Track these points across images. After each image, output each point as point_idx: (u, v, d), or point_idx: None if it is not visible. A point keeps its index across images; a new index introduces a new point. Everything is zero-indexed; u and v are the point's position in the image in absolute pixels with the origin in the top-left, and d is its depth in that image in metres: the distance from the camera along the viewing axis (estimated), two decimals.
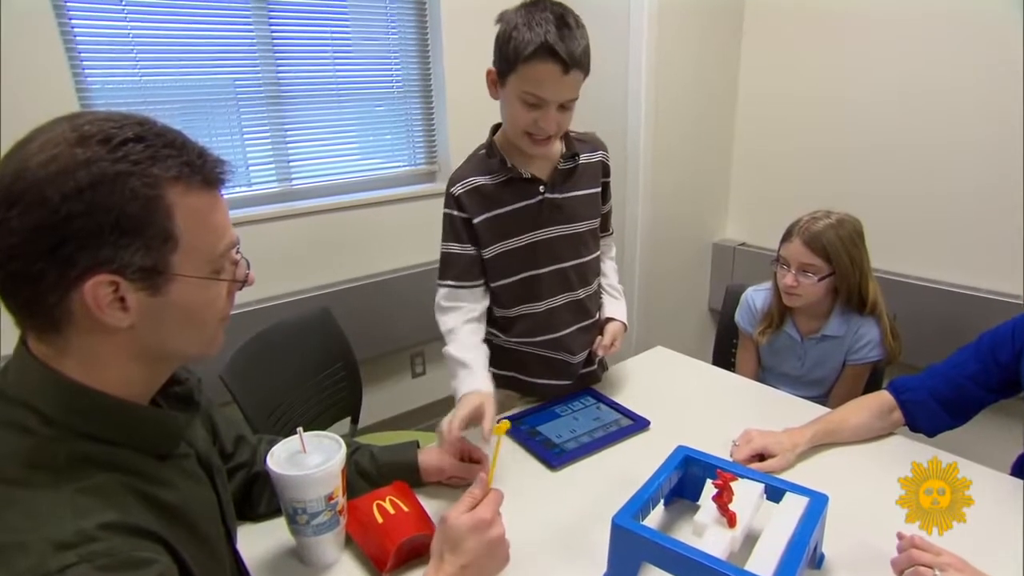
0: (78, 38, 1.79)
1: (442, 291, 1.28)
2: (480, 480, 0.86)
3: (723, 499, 0.86)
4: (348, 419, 1.84)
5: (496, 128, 1.26)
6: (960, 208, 2.07)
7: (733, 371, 1.70)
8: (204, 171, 0.61)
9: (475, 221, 1.23)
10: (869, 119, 2.23)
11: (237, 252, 0.69)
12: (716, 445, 1.17)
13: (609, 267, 1.46)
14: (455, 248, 1.26)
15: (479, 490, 0.85)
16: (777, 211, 1.66)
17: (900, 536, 0.87)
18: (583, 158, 1.29)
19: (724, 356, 1.89)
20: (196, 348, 0.67)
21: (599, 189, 1.33)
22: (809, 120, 2.40)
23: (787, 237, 1.55)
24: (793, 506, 0.89)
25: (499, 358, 1.34)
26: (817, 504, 0.89)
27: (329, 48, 2.26)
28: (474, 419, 1.07)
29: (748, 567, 0.78)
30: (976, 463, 1.13)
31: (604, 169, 1.34)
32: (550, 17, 1.06)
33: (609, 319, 1.38)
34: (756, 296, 1.70)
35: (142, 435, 0.64)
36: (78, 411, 0.60)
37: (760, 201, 2.66)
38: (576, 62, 1.07)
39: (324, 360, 1.75)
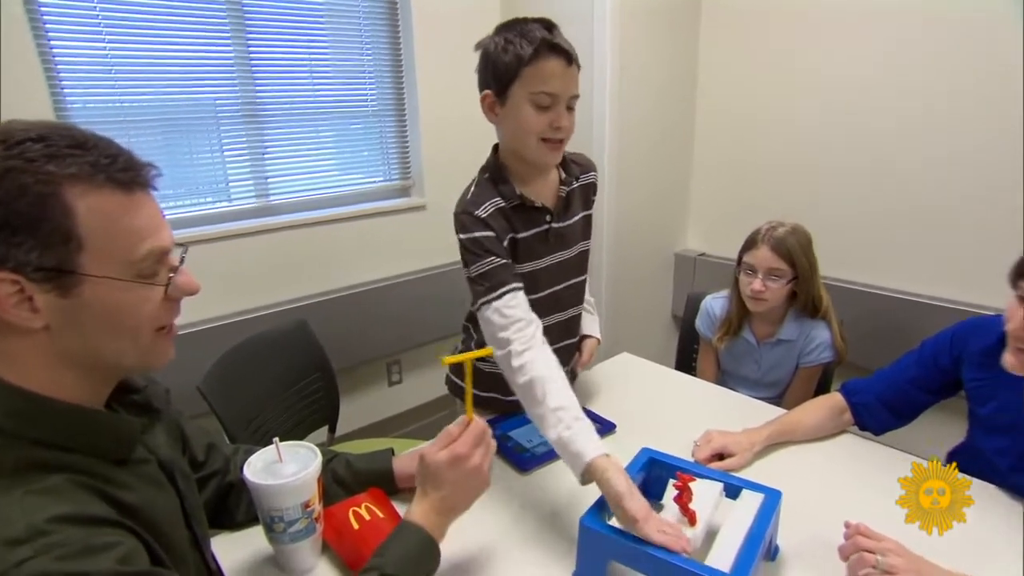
0: (56, 58, 1.75)
1: (493, 316, 1.07)
2: (461, 421, 0.86)
3: (683, 499, 0.87)
4: (326, 428, 1.82)
5: (495, 150, 1.20)
6: (903, 220, 2.13)
7: (695, 375, 1.72)
8: (111, 171, 0.58)
9: (504, 239, 1.15)
10: (818, 138, 2.29)
11: (181, 260, 0.66)
12: (679, 446, 1.19)
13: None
14: (496, 262, 1.10)
15: (456, 428, 0.85)
16: (734, 223, 1.69)
17: (847, 525, 0.90)
18: (580, 181, 1.26)
19: (686, 361, 1.91)
20: (132, 358, 0.64)
21: (591, 211, 1.31)
22: (762, 138, 2.46)
23: (751, 245, 1.57)
24: (749, 502, 0.91)
25: (480, 380, 1.31)
26: (772, 500, 0.91)
27: (306, 68, 2.25)
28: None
29: (708, 562, 0.79)
30: (915, 455, 1.17)
31: (595, 189, 1.32)
32: (538, 25, 1.07)
33: (585, 336, 1.38)
34: (715, 304, 1.73)
35: (95, 439, 0.62)
36: (23, 416, 0.58)
37: (718, 213, 2.71)
38: (574, 56, 1.07)
39: (301, 370, 1.73)
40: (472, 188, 1.18)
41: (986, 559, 0.90)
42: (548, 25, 1.07)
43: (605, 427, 1.28)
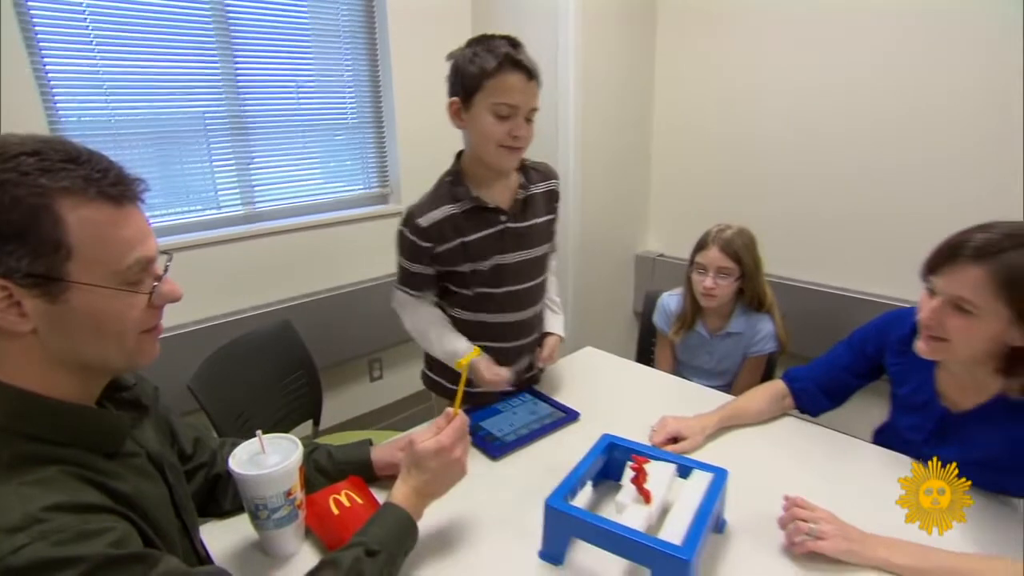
0: (50, 74, 1.72)
1: (402, 295, 1.30)
2: (446, 413, 0.89)
3: (639, 480, 0.89)
4: (310, 422, 1.80)
5: (459, 157, 1.25)
6: (839, 223, 2.20)
7: (653, 367, 1.75)
8: (102, 185, 0.58)
9: (439, 250, 1.21)
10: (764, 146, 2.34)
11: (165, 268, 0.66)
12: (638, 431, 1.21)
13: (551, 281, 1.46)
14: (416, 268, 1.25)
15: (444, 420, 0.88)
16: (690, 226, 1.72)
17: (786, 498, 0.93)
18: (540, 187, 1.29)
19: (646, 354, 1.94)
20: (119, 359, 0.64)
21: (554, 216, 1.35)
22: (714, 146, 2.50)
23: (702, 246, 1.60)
24: (699, 481, 0.93)
25: (447, 371, 1.34)
26: (719, 478, 0.94)
27: (289, 83, 2.23)
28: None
29: (661, 535, 0.81)
30: (846, 434, 1.21)
31: (556, 196, 1.35)
32: (504, 41, 1.10)
33: (548, 333, 1.39)
34: (670, 300, 1.76)
35: (86, 434, 0.62)
36: (15, 412, 0.58)
37: (675, 217, 2.75)
38: (535, 72, 1.11)
39: (286, 368, 1.72)
40: (429, 192, 1.24)
41: (902, 520, 0.94)
42: (513, 43, 1.11)
43: (569, 415, 1.30)
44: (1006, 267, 0.85)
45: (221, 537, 0.93)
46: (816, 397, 1.26)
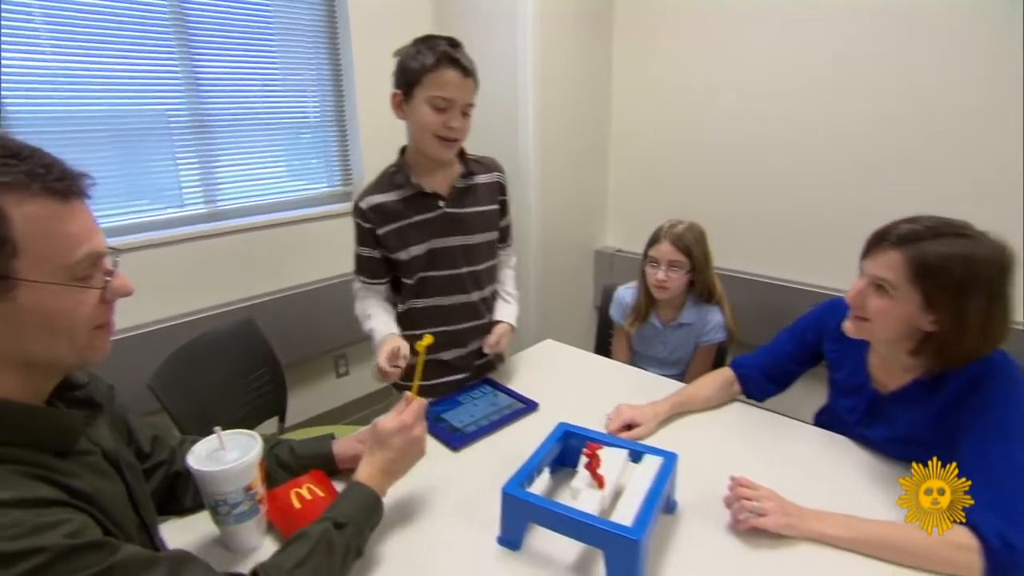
0: None
1: (357, 284, 1.36)
2: (405, 397, 0.93)
3: (592, 466, 0.91)
4: (276, 418, 1.77)
5: (403, 151, 1.30)
6: (784, 218, 2.26)
7: (612, 358, 1.77)
8: (46, 180, 0.56)
9: (379, 232, 1.27)
10: (715, 145, 2.39)
11: (115, 264, 0.65)
12: (595, 420, 1.23)
13: (507, 275, 1.49)
14: (365, 251, 1.31)
15: (404, 403, 0.92)
16: (647, 222, 1.75)
17: (732, 479, 0.96)
18: (481, 178, 1.34)
19: (605, 346, 1.96)
20: (70, 356, 0.62)
21: (496, 207, 1.38)
22: (669, 147, 2.54)
23: (655, 241, 1.62)
24: (651, 465, 0.95)
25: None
26: (669, 462, 0.96)
27: (250, 82, 2.17)
28: (393, 354, 1.18)
29: (613, 518, 0.83)
30: (790, 417, 1.26)
31: (501, 188, 1.39)
32: (444, 41, 1.17)
33: (498, 321, 1.41)
34: (626, 293, 1.78)
35: (35, 433, 0.60)
36: None
37: (632, 214, 2.79)
38: (471, 70, 1.18)
39: (249, 366, 1.68)
40: (374, 181, 1.30)
41: (838, 495, 0.99)
42: (453, 43, 1.18)
43: (529, 406, 1.31)
44: (921, 254, 0.91)
45: (182, 535, 0.91)
46: (761, 383, 1.30)
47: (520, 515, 0.89)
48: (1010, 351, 0.96)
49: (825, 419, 1.26)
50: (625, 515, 0.83)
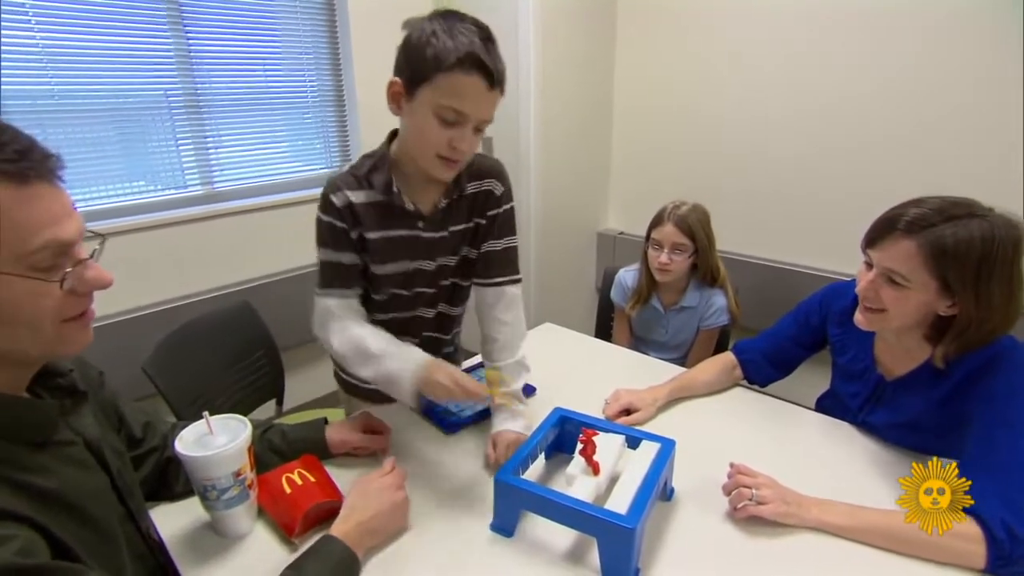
0: None
1: (329, 301, 1.13)
2: (390, 460, 0.94)
3: (587, 452, 0.89)
4: (273, 401, 1.77)
5: (392, 138, 1.04)
6: (788, 201, 2.23)
7: (612, 342, 1.75)
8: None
9: (355, 235, 1.05)
10: (720, 128, 2.35)
11: (93, 253, 0.60)
12: (593, 405, 1.21)
13: (513, 336, 1.14)
14: (340, 257, 1.08)
15: (388, 466, 0.93)
16: (649, 204, 1.72)
17: (731, 465, 0.94)
18: (470, 187, 1.07)
19: (605, 329, 1.94)
20: (36, 349, 0.59)
21: (484, 221, 1.09)
22: (671, 129, 2.50)
23: (658, 223, 1.59)
24: (648, 451, 0.93)
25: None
26: (666, 448, 0.94)
27: (245, 61, 2.14)
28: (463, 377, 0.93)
29: (608, 505, 0.81)
30: (790, 402, 1.23)
31: (488, 199, 1.08)
32: (473, 29, 0.86)
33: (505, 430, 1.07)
34: (627, 276, 1.76)
35: (8, 425, 0.58)
36: None
37: (635, 195, 2.75)
38: (500, 79, 0.89)
39: (245, 349, 1.67)
40: (348, 167, 1.04)
41: (840, 482, 0.97)
42: (485, 34, 0.87)
43: (527, 390, 1.28)
44: (937, 240, 0.87)
45: (172, 520, 0.91)
46: (764, 368, 1.28)
47: (513, 502, 0.88)
48: (1017, 334, 0.94)
49: (827, 404, 1.24)
50: (620, 503, 0.82)
